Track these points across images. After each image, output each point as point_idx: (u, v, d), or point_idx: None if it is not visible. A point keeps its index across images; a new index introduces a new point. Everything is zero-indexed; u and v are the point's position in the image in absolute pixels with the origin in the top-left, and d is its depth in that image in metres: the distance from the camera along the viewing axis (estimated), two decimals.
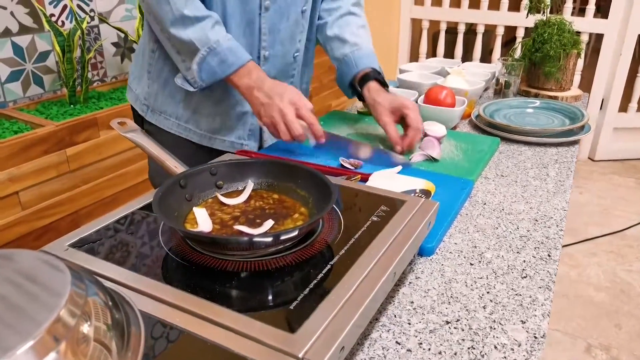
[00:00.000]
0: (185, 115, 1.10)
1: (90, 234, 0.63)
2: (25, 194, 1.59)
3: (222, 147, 1.12)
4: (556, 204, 0.94)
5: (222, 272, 0.56)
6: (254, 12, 1.02)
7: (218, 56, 0.94)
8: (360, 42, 1.16)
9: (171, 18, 0.93)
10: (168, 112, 1.11)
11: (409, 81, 1.51)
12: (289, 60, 1.11)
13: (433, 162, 1.06)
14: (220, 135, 1.11)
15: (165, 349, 0.45)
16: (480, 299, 0.68)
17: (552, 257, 0.77)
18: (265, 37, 1.05)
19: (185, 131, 1.11)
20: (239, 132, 1.12)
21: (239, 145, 1.13)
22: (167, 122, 1.11)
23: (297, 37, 1.10)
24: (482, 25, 3.38)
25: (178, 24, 0.94)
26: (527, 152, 1.18)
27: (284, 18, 1.05)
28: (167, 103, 1.10)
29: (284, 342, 0.46)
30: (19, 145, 1.54)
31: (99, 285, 0.40)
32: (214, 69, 0.95)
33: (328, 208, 0.59)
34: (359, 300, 0.51)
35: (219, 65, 0.95)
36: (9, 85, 1.85)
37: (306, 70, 1.22)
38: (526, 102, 1.41)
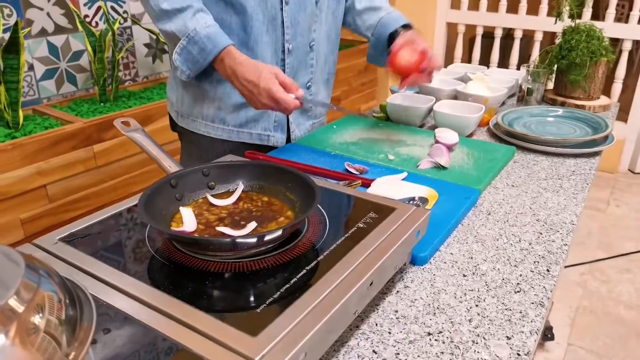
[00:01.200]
0: (211, 114, 1.13)
1: (81, 229, 0.65)
2: (53, 187, 1.65)
3: (250, 140, 1.15)
4: (565, 217, 0.90)
5: (197, 272, 0.57)
6: (276, 8, 1.05)
7: (197, 44, 0.96)
8: (390, 8, 1.23)
9: (154, 14, 0.98)
10: (194, 114, 1.15)
11: (428, 87, 1.48)
12: (306, 50, 1.14)
13: (441, 170, 1.04)
14: (247, 128, 1.14)
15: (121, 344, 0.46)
16: (468, 311, 0.66)
17: (551, 272, 0.75)
18: (289, 30, 1.08)
19: (214, 130, 1.14)
20: (264, 124, 1.15)
21: (265, 138, 1.16)
22: (195, 123, 1.15)
23: (313, 27, 1.13)
24: (520, 31, 3.30)
25: (161, 19, 0.98)
26: (544, 162, 1.15)
27: (302, 9, 1.08)
28: (192, 105, 1.14)
29: (243, 344, 0.46)
30: (49, 141, 1.61)
31: (58, 281, 0.41)
32: (196, 57, 0.98)
33: (305, 215, 0.59)
34: (327, 307, 0.51)
35: (199, 54, 0.97)
36: (43, 83, 1.93)
37: (328, 61, 1.23)
38: (548, 110, 1.37)
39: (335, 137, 1.21)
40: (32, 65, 1.88)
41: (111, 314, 0.50)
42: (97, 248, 0.61)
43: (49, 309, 0.39)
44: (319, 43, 1.16)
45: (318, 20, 1.13)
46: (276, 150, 1.15)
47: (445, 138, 1.12)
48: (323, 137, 1.21)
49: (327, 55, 1.22)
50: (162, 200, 0.67)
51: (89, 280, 0.55)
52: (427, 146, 1.16)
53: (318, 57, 1.18)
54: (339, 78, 3.07)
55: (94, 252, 0.60)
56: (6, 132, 1.63)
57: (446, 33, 3.61)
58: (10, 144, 1.52)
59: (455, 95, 1.47)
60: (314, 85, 1.20)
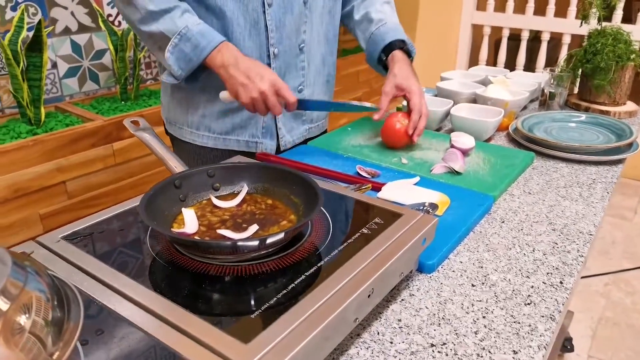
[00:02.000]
0: (196, 122, 1.11)
1: (85, 227, 0.65)
2: (72, 183, 1.68)
3: (238, 147, 1.12)
4: (582, 227, 0.87)
5: (195, 274, 0.56)
6: (258, 11, 1.01)
7: (190, 41, 0.94)
8: (384, 17, 1.18)
9: (139, 17, 0.95)
10: (180, 122, 1.13)
11: (446, 89, 1.46)
12: (295, 53, 1.10)
13: (455, 175, 1.01)
14: (234, 135, 1.11)
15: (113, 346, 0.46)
16: (474, 323, 0.64)
17: (564, 284, 0.72)
18: (273, 33, 1.04)
19: (199, 137, 1.12)
20: (252, 131, 1.12)
21: (253, 145, 1.13)
22: (182, 131, 1.14)
23: (302, 29, 1.09)
24: (548, 33, 3.22)
25: (147, 21, 0.95)
26: (564, 169, 1.11)
27: (288, 11, 1.04)
28: (178, 112, 1.13)
29: (233, 351, 0.45)
30: (69, 138, 1.63)
31: (46, 281, 0.41)
32: (189, 55, 0.95)
33: (305, 220, 0.58)
34: (323, 315, 0.50)
35: (192, 51, 0.95)
36: (66, 81, 1.97)
37: (326, 63, 1.20)
38: (570, 115, 1.33)
39: (349, 140, 1.19)
40: (55, 63, 1.92)
41: (105, 315, 0.50)
42: (98, 247, 0.61)
43: (36, 309, 0.39)
44: (310, 44, 1.12)
45: (308, 21, 1.09)
46: (289, 152, 1.14)
47: (460, 142, 1.09)
48: (337, 139, 1.20)
49: (325, 56, 1.18)
50: (165, 200, 0.66)
51: (87, 280, 0.55)
52: (443, 150, 1.13)
53: (311, 59, 1.14)
54: (361, 80, 3.05)
55: (95, 251, 0.60)
56: (28, 129, 1.66)
57: (471, 35, 3.56)
58: (31, 140, 1.55)
59: (475, 99, 1.44)
60: (308, 88, 1.16)
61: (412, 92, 1.10)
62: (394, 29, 1.17)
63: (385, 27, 1.16)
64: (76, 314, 0.41)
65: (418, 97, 1.09)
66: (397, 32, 1.17)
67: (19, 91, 1.62)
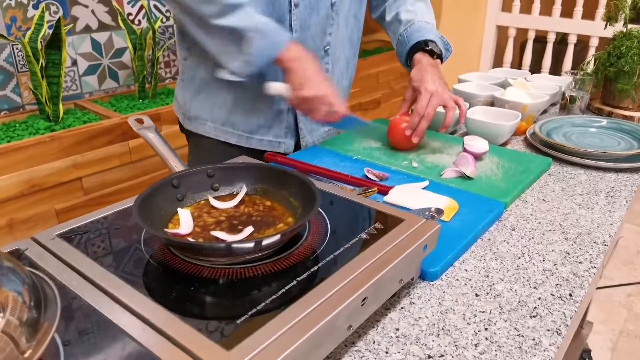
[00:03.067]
0: (221, 118, 1.11)
1: (81, 225, 0.65)
2: (88, 180, 1.70)
3: (261, 146, 1.12)
4: (597, 237, 0.83)
5: (185, 276, 0.55)
6: (284, 9, 1.00)
7: (268, 37, 0.93)
8: (413, 17, 1.16)
9: (213, 10, 0.92)
10: (203, 117, 1.13)
11: (463, 92, 1.42)
12: (320, 55, 1.09)
13: (466, 180, 0.98)
14: (258, 135, 1.11)
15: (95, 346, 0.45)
16: (475, 335, 0.61)
17: (573, 297, 0.69)
18: (297, 34, 1.03)
19: (223, 134, 1.12)
20: (276, 131, 1.12)
21: (276, 144, 1.13)
22: (204, 126, 1.13)
23: (328, 31, 1.08)
24: (575, 36, 3.14)
25: (222, 14, 0.92)
26: (582, 176, 1.07)
27: (314, 13, 1.03)
28: (202, 108, 1.12)
29: (214, 358, 0.44)
30: (86, 135, 1.65)
31: (24, 280, 0.40)
32: (265, 50, 0.94)
33: (297, 225, 0.57)
34: (311, 323, 0.48)
35: (269, 46, 0.94)
36: (86, 78, 1.99)
37: (350, 66, 1.19)
38: (591, 120, 1.28)
39: (360, 141, 1.17)
40: (75, 61, 1.94)
41: (90, 315, 0.49)
42: (92, 246, 0.61)
43: (11, 308, 0.38)
44: (336, 47, 1.11)
45: (335, 23, 1.08)
46: (298, 152, 1.12)
47: (473, 146, 1.06)
48: (347, 140, 1.18)
49: (350, 59, 1.17)
50: (163, 200, 0.66)
51: (76, 280, 0.54)
52: (455, 154, 1.10)
53: (335, 61, 1.13)
54: (381, 81, 3.02)
55: (88, 250, 0.60)
56: (46, 125, 1.69)
57: (496, 36, 3.49)
58: (49, 136, 1.57)
59: (493, 102, 1.40)
60: None
61: (420, 93, 1.08)
62: (420, 29, 1.14)
63: (412, 28, 1.15)
64: (52, 314, 0.40)
65: (425, 99, 1.07)
66: (424, 32, 1.14)
67: (38, 88, 1.65)
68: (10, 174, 1.49)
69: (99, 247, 0.61)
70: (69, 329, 0.48)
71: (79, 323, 0.48)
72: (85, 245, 0.61)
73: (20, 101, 1.83)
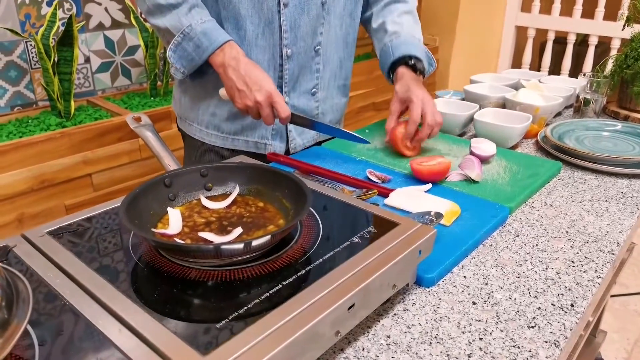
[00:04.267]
0: (205, 120, 1.10)
1: (72, 223, 0.65)
2: (98, 176, 1.71)
3: (247, 147, 1.11)
4: (605, 245, 0.80)
5: (170, 278, 0.54)
6: (273, 10, 0.99)
7: (192, 41, 0.93)
8: (399, 29, 1.13)
9: (147, 9, 0.95)
10: (190, 118, 1.13)
11: (474, 93, 1.39)
12: (310, 55, 1.07)
13: (472, 184, 0.96)
14: (243, 136, 1.10)
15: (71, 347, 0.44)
16: (469, 345, 0.59)
17: (575, 307, 0.66)
18: (287, 34, 1.01)
19: (208, 136, 1.11)
20: (261, 132, 1.10)
21: (262, 146, 1.11)
22: (191, 128, 1.13)
23: (319, 31, 1.06)
24: (596, 37, 3.07)
25: (155, 14, 0.95)
26: (592, 181, 1.03)
27: (304, 13, 1.01)
28: (189, 109, 1.12)
29: None
30: (96, 132, 1.66)
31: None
32: (191, 54, 0.94)
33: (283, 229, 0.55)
34: (293, 329, 0.47)
35: (195, 51, 0.93)
36: (98, 75, 2.01)
37: (344, 66, 1.17)
38: (605, 124, 1.24)
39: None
40: (88, 58, 1.96)
41: (69, 315, 0.49)
42: (80, 245, 0.60)
43: None
44: (327, 47, 1.09)
45: (325, 22, 1.06)
46: (300, 153, 1.11)
47: (480, 149, 1.04)
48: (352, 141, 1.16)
49: (343, 60, 1.15)
50: (154, 199, 0.65)
51: (60, 278, 0.54)
52: (462, 157, 1.08)
53: (327, 61, 1.11)
54: None
55: (76, 249, 0.59)
56: (57, 121, 1.70)
57: (515, 37, 3.43)
58: (59, 132, 1.58)
59: (504, 103, 1.37)
60: (322, 91, 1.13)
61: (411, 101, 1.05)
62: (405, 43, 1.10)
63: (398, 40, 1.11)
64: (23, 313, 0.39)
65: (417, 106, 1.04)
66: (409, 47, 1.10)
67: (50, 84, 1.67)
68: (20, 169, 1.51)
69: (87, 246, 0.60)
70: (46, 328, 0.47)
71: (56, 323, 0.48)
72: (74, 244, 0.60)
73: (33, 97, 1.85)
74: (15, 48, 1.76)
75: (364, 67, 2.58)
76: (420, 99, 1.05)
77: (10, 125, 1.69)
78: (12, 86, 1.79)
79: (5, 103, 1.79)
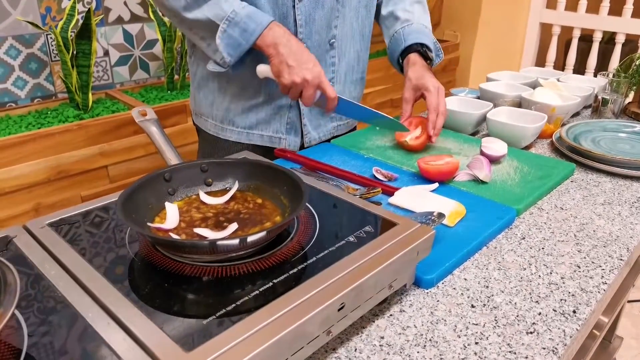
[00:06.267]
0: (220, 115, 1.11)
1: (73, 215, 0.65)
2: (114, 168, 1.73)
3: (262, 142, 1.11)
4: (614, 250, 0.78)
5: (163, 273, 0.54)
6: (288, 5, 0.99)
7: (238, 26, 0.91)
8: (411, 17, 1.14)
9: (183, 4, 0.93)
10: (206, 114, 1.13)
11: (490, 91, 1.37)
12: (325, 48, 1.07)
13: (480, 184, 0.94)
14: (257, 130, 1.10)
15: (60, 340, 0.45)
16: (464, 349, 0.58)
17: (577, 314, 0.64)
18: (302, 28, 1.01)
19: (222, 131, 1.12)
20: (276, 126, 1.10)
21: (277, 140, 1.11)
22: (206, 123, 1.14)
23: (333, 24, 1.06)
24: (623, 35, 2.99)
25: (192, 7, 0.93)
26: (607, 184, 1.01)
27: (319, 6, 1.01)
28: (203, 105, 1.13)
29: (172, 358, 0.43)
30: (112, 124, 1.69)
31: None
32: (238, 40, 0.92)
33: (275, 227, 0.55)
34: (280, 327, 0.46)
35: (241, 35, 0.92)
36: (117, 69, 2.03)
37: (361, 59, 1.17)
38: (624, 125, 1.21)
39: (374, 139, 1.14)
40: (107, 51, 1.99)
41: (60, 306, 0.49)
42: (79, 237, 0.61)
43: None
44: (343, 40, 1.09)
45: (340, 15, 1.06)
46: (308, 149, 1.11)
47: (491, 149, 1.02)
48: (362, 138, 1.15)
49: (360, 52, 1.15)
50: (153, 193, 0.65)
51: (55, 269, 0.55)
52: (472, 156, 1.06)
53: (342, 54, 1.10)
54: None
55: (74, 241, 0.60)
56: (75, 113, 1.73)
57: (539, 34, 3.36)
58: (76, 124, 1.61)
59: (520, 102, 1.34)
60: (338, 85, 1.13)
61: (427, 89, 1.07)
62: (417, 31, 1.12)
63: (410, 28, 1.12)
64: (9, 303, 0.40)
65: (434, 95, 1.06)
66: (421, 35, 1.12)
67: (68, 77, 1.69)
68: (38, 159, 1.54)
69: (86, 239, 0.61)
70: (36, 318, 0.48)
71: (47, 314, 0.48)
72: (72, 236, 0.61)
73: (53, 89, 1.88)
74: (36, 41, 1.79)
75: (382, 63, 2.55)
76: (436, 88, 1.07)
77: (30, 116, 1.72)
78: (32, 78, 1.83)
79: (26, 95, 1.83)
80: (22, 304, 0.49)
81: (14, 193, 1.52)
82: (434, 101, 1.06)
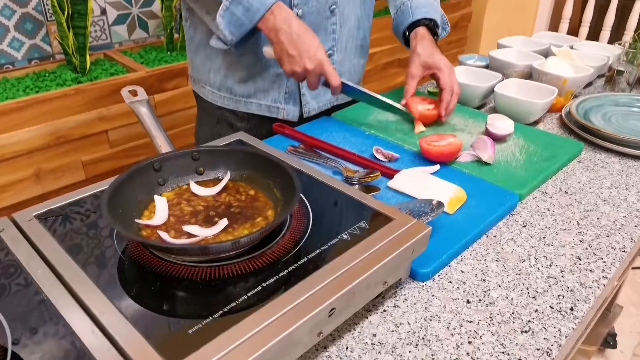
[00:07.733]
0: (217, 82, 1.08)
1: (60, 206, 0.64)
2: (114, 133, 1.71)
3: (260, 111, 1.08)
4: (616, 241, 0.76)
5: (150, 274, 0.53)
6: None
7: (241, 4, 0.88)
8: None
9: None
10: (203, 80, 1.10)
11: (500, 60, 1.31)
12: (325, 15, 1.02)
13: (483, 165, 0.92)
14: (255, 99, 1.07)
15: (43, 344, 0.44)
16: (456, 348, 0.58)
17: (575, 311, 0.63)
18: None
19: (220, 99, 1.09)
20: (274, 95, 1.07)
21: (275, 110, 1.08)
22: (204, 90, 1.11)
23: None
24: None
25: None
26: (615, 165, 0.98)
27: None
28: (201, 71, 1.09)
29: None
30: (111, 88, 1.65)
31: None
32: (240, 19, 0.89)
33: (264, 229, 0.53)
34: (268, 337, 0.45)
35: (244, 14, 0.88)
36: (115, 28, 1.97)
37: (362, 26, 1.12)
38: (637, 99, 1.16)
39: (376, 114, 1.11)
40: (104, 10, 1.92)
41: (45, 308, 0.48)
42: (65, 231, 0.60)
43: None
44: (344, 6, 1.04)
45: None
46: (307, 124, 1.07)
47: (496, 127, 0.98)
48: (364, 112, 1.12)
49: (362, 19, 1.10)
50: (142, 185, 0.63)
51: (41, 268, 0.54)
52: (477, 134, 1.03)
53: (344, 21, 1.05)
54: None
55: (60, 235, 0.59)
56: (73, 76, 1.69)
57: None
58: (74, 89, 1.57)
59: (530, 72, 1.29)
60: (339, 53, 1.09)
61: (440, 69, 1.03)
62: (425, 5, 1.07)
63: (418, 1, 1.07)
64: None
65: (447, 74, 1.02)
66: (430, 9, 1.07)
67: (65, 39, 1.64)
68: (36, 125, 1.51)
69: (73, 233, 0.60)
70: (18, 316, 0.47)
71: (31, 316, 0.48)
72: (59, 230, 0.60)
73: (50, 50, 1.83)
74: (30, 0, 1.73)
75: (388, 21, 2.46)
76: (449, 67, 1.04)
77: (28, 79, 1.68)
78: (28, 39, 1.78)
79: (22, 56, 1.79)
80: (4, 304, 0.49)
81: (15, 159, 1.51)
82: (448, 81, 1.02)
